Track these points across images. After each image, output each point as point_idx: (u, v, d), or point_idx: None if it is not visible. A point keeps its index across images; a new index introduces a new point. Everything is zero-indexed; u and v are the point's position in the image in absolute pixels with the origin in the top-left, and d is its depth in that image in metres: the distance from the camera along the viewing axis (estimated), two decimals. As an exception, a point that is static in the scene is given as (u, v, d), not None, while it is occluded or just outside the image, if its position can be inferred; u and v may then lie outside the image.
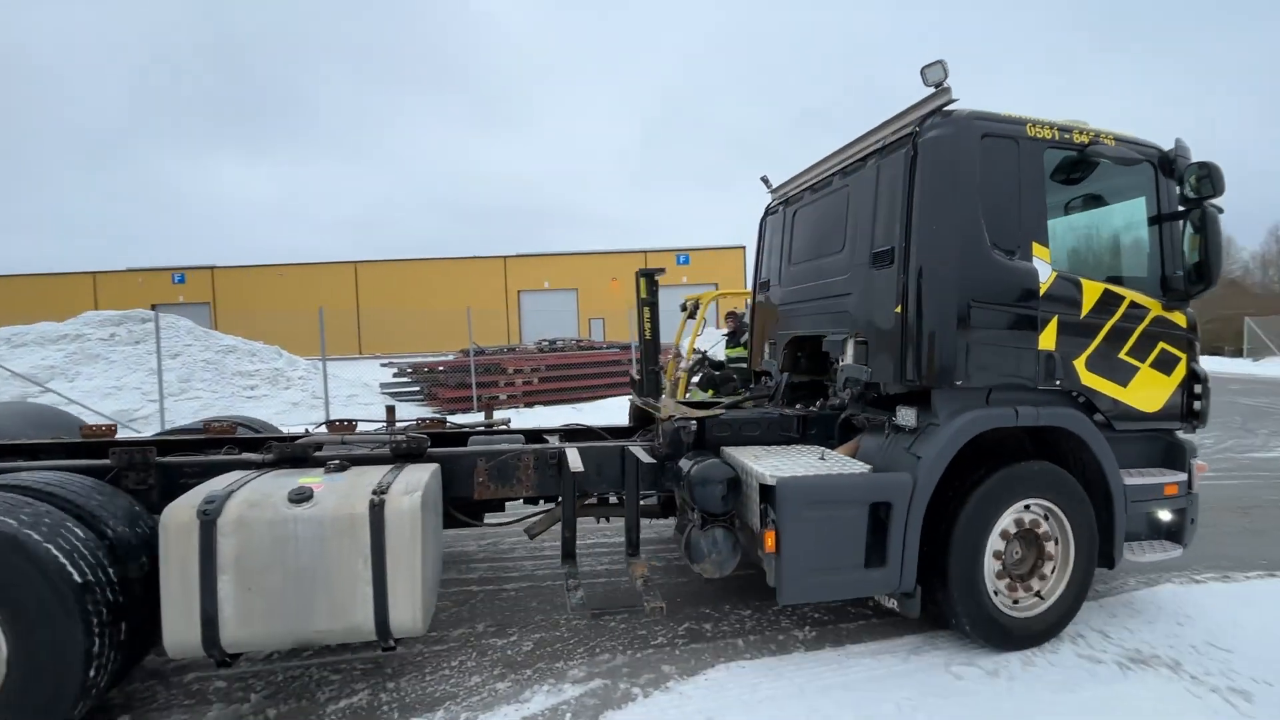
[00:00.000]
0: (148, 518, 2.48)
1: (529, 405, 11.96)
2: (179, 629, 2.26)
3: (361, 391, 12.73)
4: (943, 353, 2.84)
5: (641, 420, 4.20)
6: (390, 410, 4.30)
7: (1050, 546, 2.98)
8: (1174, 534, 3.24)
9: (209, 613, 2.25)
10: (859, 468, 2.93)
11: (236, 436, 3.35)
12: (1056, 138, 3.04)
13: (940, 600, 2.83)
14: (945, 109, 2.89)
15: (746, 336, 6.14)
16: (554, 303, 36.20)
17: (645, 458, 3.11)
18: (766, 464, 2.86)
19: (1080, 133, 3.07)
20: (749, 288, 5.21)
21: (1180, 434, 3.34)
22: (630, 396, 5.02)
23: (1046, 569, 2.98)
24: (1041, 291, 2.95)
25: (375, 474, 2.60)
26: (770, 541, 2.66)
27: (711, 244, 36.78)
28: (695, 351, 8.43)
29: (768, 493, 2.69)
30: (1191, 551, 3.41)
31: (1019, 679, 2.64)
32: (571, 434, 3.87)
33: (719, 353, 8.68)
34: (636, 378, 4.83)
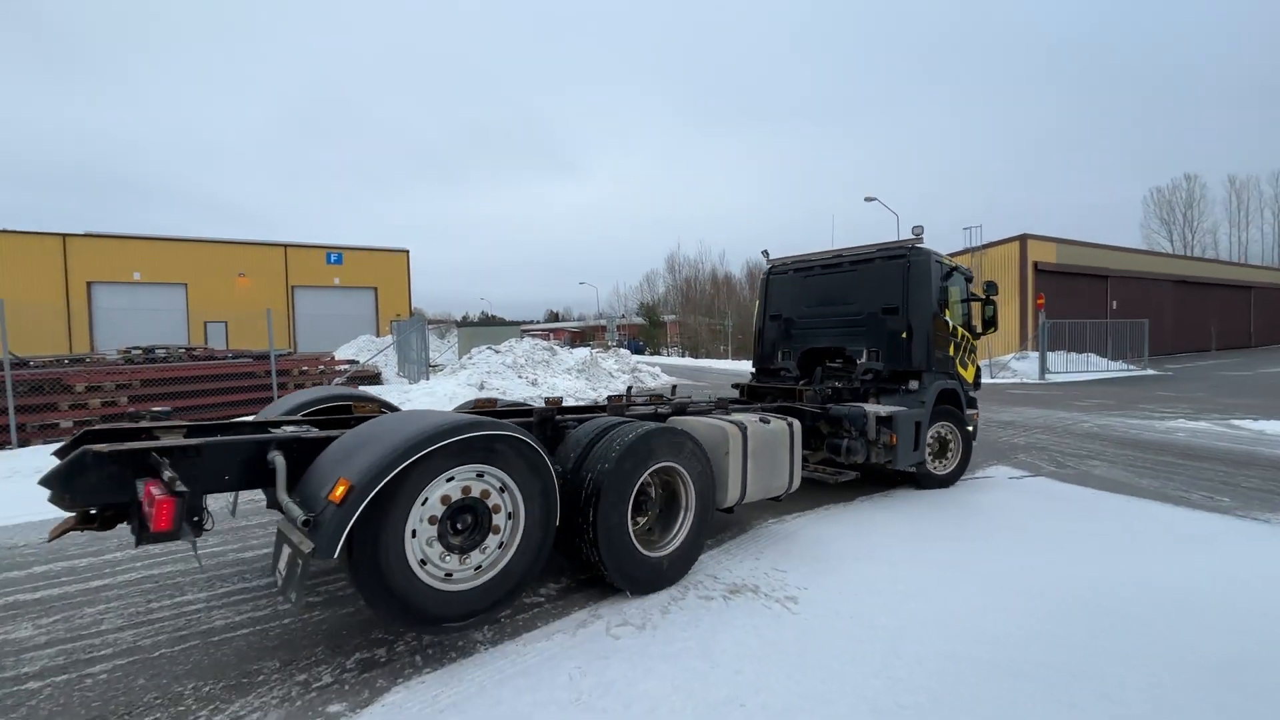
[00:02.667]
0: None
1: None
2: (733, 488, 4.23)
3: None
4: (927, 356, 6.16)
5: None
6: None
7: (948, 435, 6.42)
8: (972, 435, 6.76)
9: (742, 475, 4.27)
10: (905, 408, 5.77)
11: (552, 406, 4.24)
12: (947, 263, 6.63)
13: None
14: (918, 244, 6.28)
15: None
16: (151, 299, 28.27)
17: (811, 407, 5.87)
18: (873, 407, 5.63)
19: (953, 263, 6.79)
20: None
21: (972, 392, 7.12)
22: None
23: (950, 447, 6.45)
24: (952, 329, 6.55)
25: (760, 414, 4.87)
26: (894, 439, 5.47)
27: (370, 244, 33.81)
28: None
29: (887, 419, 5.49)
30: (756, 504, 4.69)
31: (660, 626, 3.22)
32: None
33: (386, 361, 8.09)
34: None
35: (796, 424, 4.87)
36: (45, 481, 2.52)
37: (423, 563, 2.75)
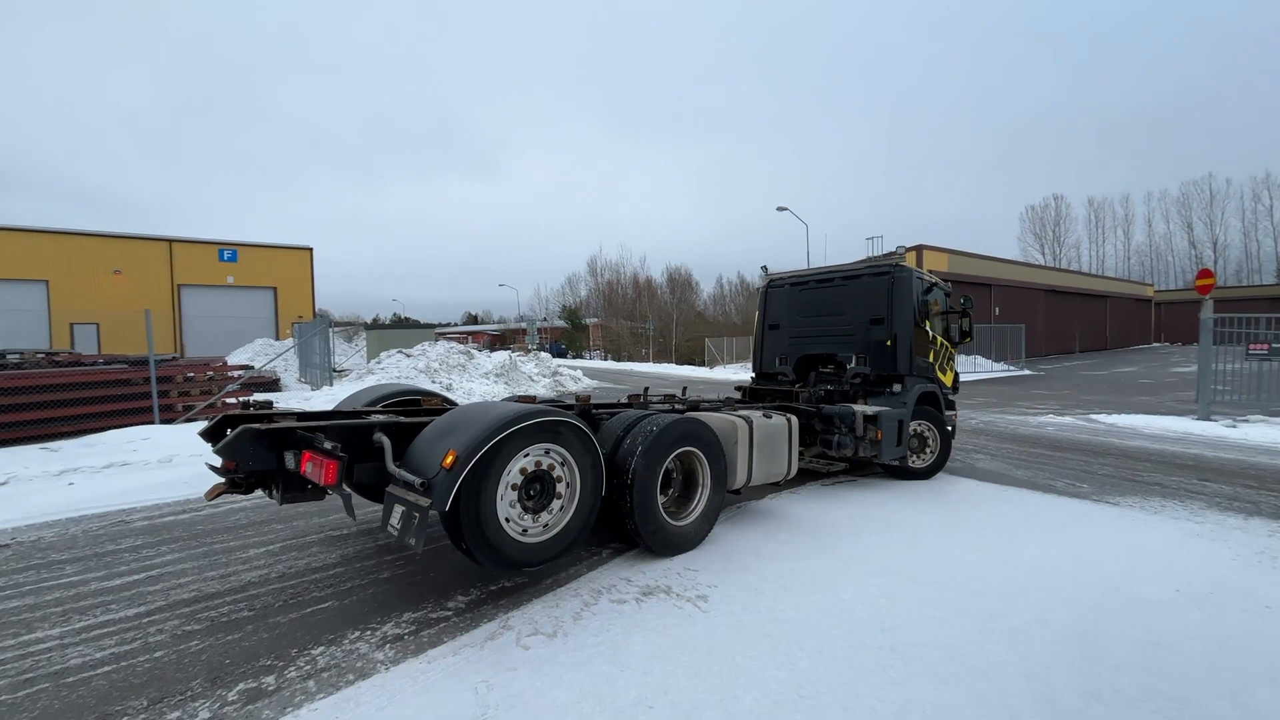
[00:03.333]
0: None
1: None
2: (740, 472, 4.96)
3: None
4: (909, 362, 6.78)
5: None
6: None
7: (926, 433, 6.98)
8: (950, 435, 7.36)
9: (749, 462, 5.03)
10: (890, 409, 6.32)
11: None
12: (928, 279, 7.38)
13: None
14: (901, 262, 6.91)
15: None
16: (2, 298, 25.09)
17: (802, 407, 6.46)
18: (860, 407, 6.23)
19: (934, 279, 7.51)
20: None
21: (951, 395, 7.71)
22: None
23: (929, 443, 6.99)
24: (931, 338, 7.22)
25: (763, 410, 5.75)
26: (880, 434, 6.04)
27: (269, 241, 31.53)
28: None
29: (873, 418, 6.09)
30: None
31: (572, 633, 3.19)
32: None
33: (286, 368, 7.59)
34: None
35: (795, 420, 5.62)
36: (219, 450, 3.48)
37: (507, 520, 3.44)
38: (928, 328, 7.15)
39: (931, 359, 7.23)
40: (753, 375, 8.19)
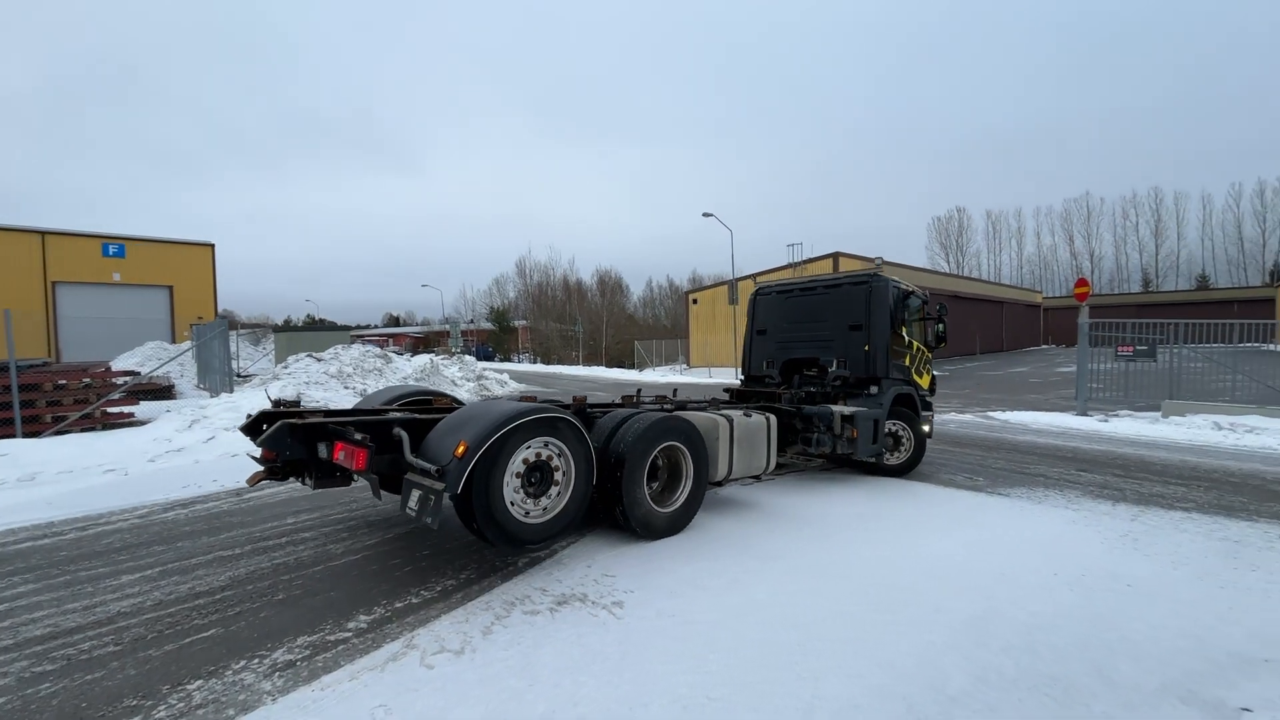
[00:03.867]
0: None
1: None
2: (722, 466, 5.37)
3: None
4: (885, 366, 7.13)
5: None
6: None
7: (901, 433, 7.37)
8: (927, 435, 7.68)
9: (729, 457, 5.43)
10: (866, 409, 6.71)
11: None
12: (905, 288, 7.69)
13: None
14: (878, 272, 7.33)
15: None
16: None
17: (784, 408, 6.86)
18: (838, 408, 6.59)
19: (909, 286, 7.81)
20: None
21: (929, 397, 8.15)
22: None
23: (903, 442, 7.38)
24: (907, 344, 7.58)
25: (744, 409, 6.23)
26: (855, 433, 6.41)
27: (164, 235, 28.98)
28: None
29: (850, 417, 6.46)
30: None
31: (480, 649, 3.07)
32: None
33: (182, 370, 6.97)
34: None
35: (773, 419, 6.06)
36: (260, 442, 4.04)
37: (511, 503, 3.91)
38: (904, 333, 7.54)
39: (908, 363, 7.63)
40: (741, 378, 8.57)
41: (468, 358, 24.08)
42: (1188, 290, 63.76)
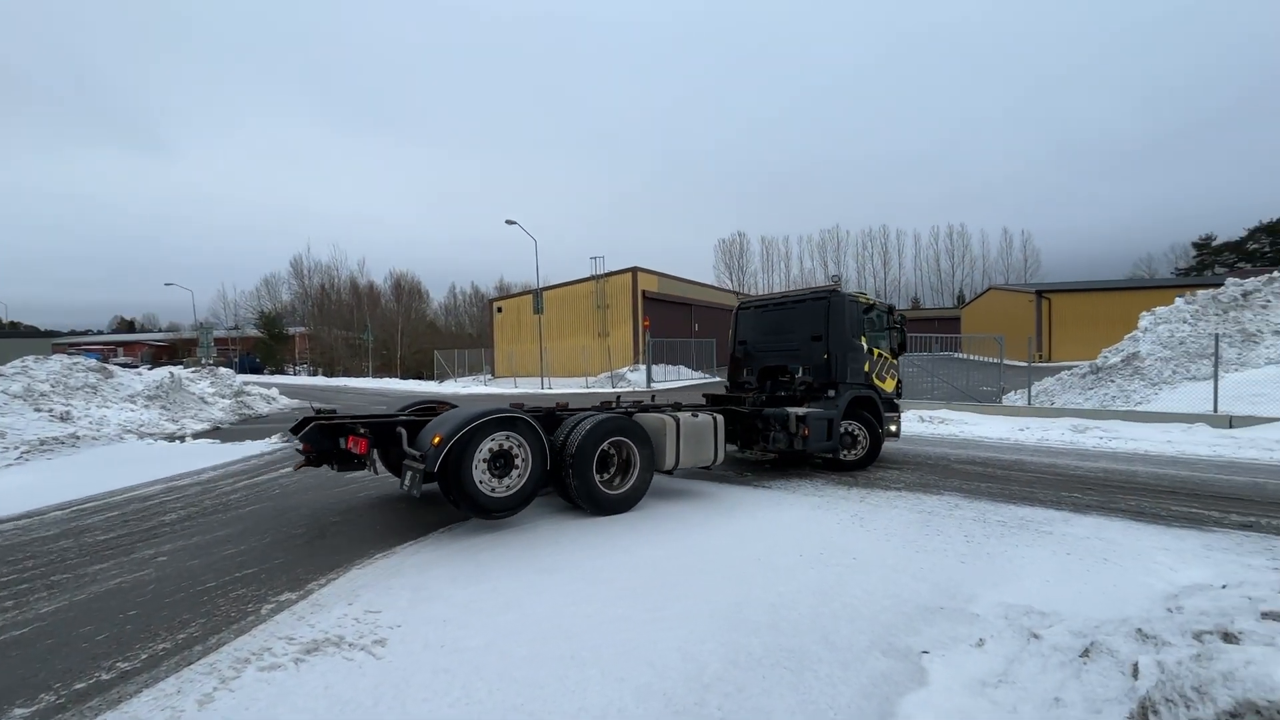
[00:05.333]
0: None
1: None
2: (669, 458, 6.24)
3: None
4: (843, 372, 8.07)
5: None
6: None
7: (857, 432, 8.25)
8: (893, 434, 8.90)
9: (676, 450, 6.29)
10: (821, 410, 7.63)
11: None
12: (864, 302, 8.58)
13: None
14: (837, 288, 8.67)
15: None
16: None
17: (745, 410, 7.93)
18: (794, 410, 7.45)
19: (867, 299, 8.64)
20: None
21: (895, 399, 9.13)
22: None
23: (859, 441, 8.23)
24: (865, 352, 8.42)
25: (693, 410, 7.35)
26: (807, 432, 7.26)
27: None
28: None
29: (803, 418, 7.30)
30: (372, 538, 4.25)
31: (192, 724, 2.54)
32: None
33: None
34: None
35: (721, 418, 6.89)
36: (301, 438, 5.62)
37: (480, 482, 5.08)
38: (863, 343, 8.34)
39: (867, 369, 8.42)
40: (726, 385, 9.74)
41: (223, 370, 20.55)
42: (905, 309, 79.35)
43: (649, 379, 25.79)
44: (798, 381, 8.36)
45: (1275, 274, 16.01)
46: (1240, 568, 4.21)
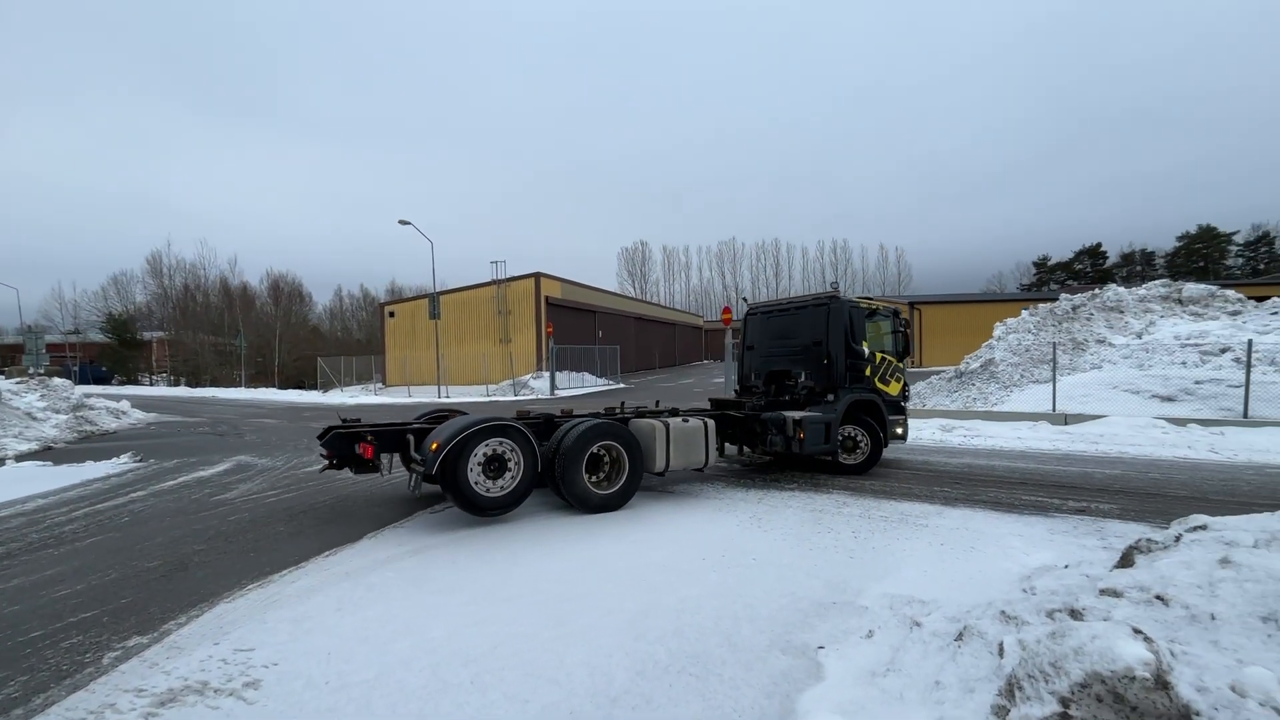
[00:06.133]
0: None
1: None
2: (660, 461, 6.60)
3: None
4: (843, 376, 8.22)
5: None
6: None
7: (858, 436, 8.30)
8: (900, 437, 8.78)
9: (666, 453, 6.63)
10: (819, 414, 7.80)
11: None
12: (867, 307, 8.67)
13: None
14: (837, 294, 8.53)
15: None
16: None
17: (743, 414, 8.15)
18: (791, 414, 7.71)
19: (870, 304, 8.79)
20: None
21: (902, 402, 8.94)
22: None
23: (860, 445, 8.30)
24: (867, 356, 8.39)
25: (685, 415, 7.45)
26: (802, 434, 7.45)
27: None
28: None
29: (800, 420, 7.49)
30: (244, 568, 3.81)
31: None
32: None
33: None
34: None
35: (711, 422, 7.15)
36: (324, 444, 6.02)
37: (476, 483, 5.68)
38: (865, 347, 8.35)
39: (869, 373, 8.41)
40: (736, 389, 9.94)
41: (58, 381, 17.89)
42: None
43: (553, 386, 25.47)
44: (800, 386, 8.50)
45: (1096, 291, 18.60)
46: (1078, 549, 4.79)
